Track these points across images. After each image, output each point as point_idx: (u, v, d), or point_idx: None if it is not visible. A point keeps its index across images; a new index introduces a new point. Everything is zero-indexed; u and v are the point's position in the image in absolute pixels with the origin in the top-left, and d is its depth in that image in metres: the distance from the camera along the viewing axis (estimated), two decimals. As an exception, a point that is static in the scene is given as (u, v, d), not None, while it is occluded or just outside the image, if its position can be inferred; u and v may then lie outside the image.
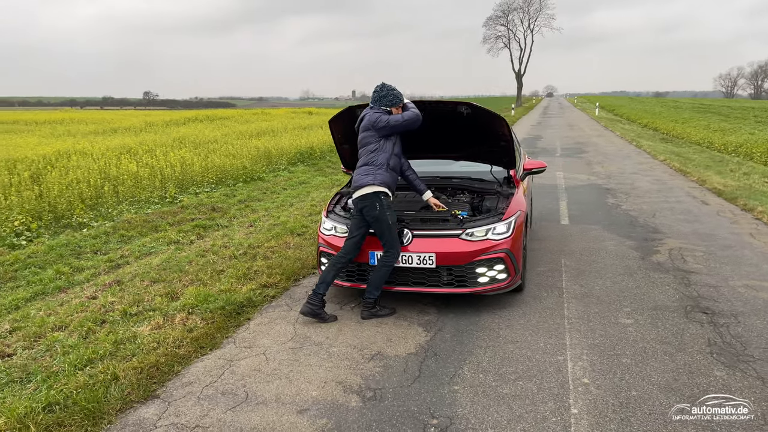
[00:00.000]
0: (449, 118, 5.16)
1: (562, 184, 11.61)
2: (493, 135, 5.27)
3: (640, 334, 4.40)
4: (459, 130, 5.30)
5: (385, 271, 4.71)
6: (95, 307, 5.19)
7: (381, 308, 4.81)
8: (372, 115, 4.78)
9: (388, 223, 4.62)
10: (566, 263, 6.22)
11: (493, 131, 5.23)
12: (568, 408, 3.39)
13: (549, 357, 4.04)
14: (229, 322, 4.78)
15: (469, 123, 5.17)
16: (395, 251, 4.68)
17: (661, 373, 3.78)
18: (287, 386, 3.72)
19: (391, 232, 4.65)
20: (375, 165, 4.71)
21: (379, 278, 4.71)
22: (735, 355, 4.02)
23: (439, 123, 5.23)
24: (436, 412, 3.38)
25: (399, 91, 4.85)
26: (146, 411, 3.47)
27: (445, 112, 5.13)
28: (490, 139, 5.33)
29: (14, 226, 8.36)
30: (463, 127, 5.23)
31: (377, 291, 4.73)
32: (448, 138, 5.44)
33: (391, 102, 4.78)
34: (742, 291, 5.29)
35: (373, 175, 4.66)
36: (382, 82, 4.89)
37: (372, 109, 4.83)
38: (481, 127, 5.24)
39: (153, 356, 4.08)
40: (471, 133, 5.31)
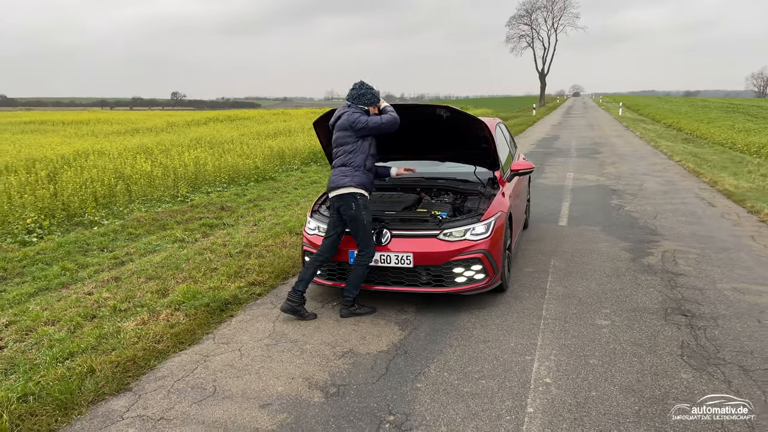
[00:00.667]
0: (430, 121, 5.21)
1: (569, 185, 11.55)
2: (474, 138, 5.31)
3: (614, 335, 4.40)
4: (441, 133, 5.35)
5: (362, 270, 4.79)
6: (89, 303, 5.35)
7: (360, 306, 4.88)
8: (351, 114, 4.79)
9: (363, 222, 4.70)
10: (555, 264, 6.22)
11: (474, 134, 5.27)
12: (524, 407, 3.42)
13: (517, 357, 4.07)
14: (212, 318, 4.91)
15: (450, 126, 5.21)
16: (370, 250, 4.75)
17: (625, 375, 3.78)
18: (255, 381, 3.82)
19: (367, 232, 4.72)
20: (353, 166, 4.76)
21: (356, 277, 4.79)
22: (706, 358, 4.00)
23: (421, 126, 5.29)
24: (395, 408, 3.44)
25: (377, 90, 4.91)
26: (116, 403, 3.60)
27: (426, 115, 5.18)
28: (471, 142, 5.37)
29: (26, 224, 8.62)
30: (444, 129, 5.28)
31: (356, 290, 4.81)
32: (431, 140, 5.49)
33: (369, 101, 4.82)
34: (729, 294, 5.24)
35: (350, 177, 4.72)
36: (360, 81, 4.92)
37: (350, 108, 4.85)
38: (462, 131, 5.28)
39: (132, 351, 4.22)
40: (453, 136, 5.35)
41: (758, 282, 5.55)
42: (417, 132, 5.37)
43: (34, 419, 3.36)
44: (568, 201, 9.84)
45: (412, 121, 5.17)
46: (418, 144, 5.61)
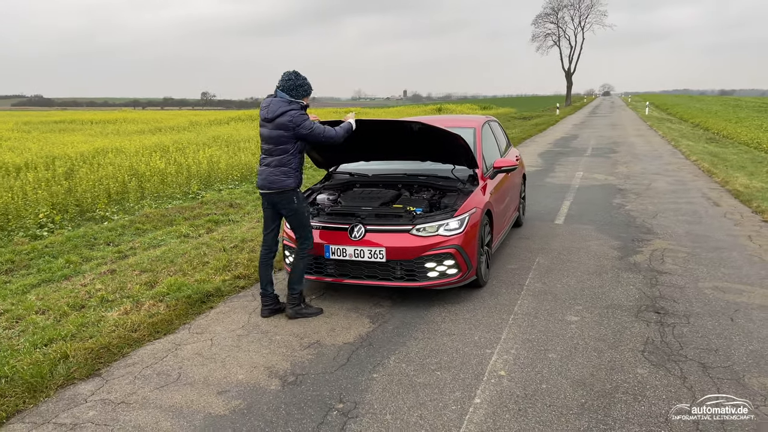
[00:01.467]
0: (405, 133, 5.28)
1: (575, 184, 11.48)
2: (451, 144, 5.35)
3: (580, 331, 4.42)
4: (417, 140, 5.40)
5: (303, 263, 4.85)
6: (81, 294, 5.55)
7: (307, 306, 4.90)
8: (296, 116, 4.57)
9: (304, 215, 4.77)
10: (540, 261, 6.24)
11: (451, 142, 5.31)
12: (472, 398, 3.48)
13: (477, 350, 4.13)
14: (191, 309, 5.06)
15: (425, 136, 5.28)
16: (309, 243, 4.83)
17: (581, 369, 3.81)
18: (219, 369, 3.95)
19: (307, 224, 4.81)
20: (291, 167, 4.68)
21: (299, 271, 4.84)
22: (667, 354, 4.00)
23: (396, 135, 5.38)
24: (345, 397, 3.53)
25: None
26: (84, 387, 3.76)
27: (399, 127, 5.26)
28: (449, 146, 5.42)
29: (38, 219, 8.92)
30: (420, 138, 5.34)
31: (300, 285, 4.85)
32: (408, 145, 5.55)
33: (306, 92, 4.71)
34: (708, 292, 5.20)
35: (293, 178, 4.68)
36: (294, 71, 4.73)
37: (290, 105, 4.61)
38: (438, 140, 5.33)
39: (108, 338, 4.39)
40: (429, 143, 5.41)
41: (742, 281, 5.49)
42: (393, 140, 5.47)
43: (3, 400, 3.53)
44: (569, 200, 9.80)
45: (388, 133, 5.27)
46: (399, 148, 5.69)
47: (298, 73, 4.75)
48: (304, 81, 4.72)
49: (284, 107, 4.61)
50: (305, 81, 4.73)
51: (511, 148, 7.79)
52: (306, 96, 4.74)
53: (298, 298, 4.86)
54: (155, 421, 3.33)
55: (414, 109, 43.13)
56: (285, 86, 4.67)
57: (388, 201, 5.30)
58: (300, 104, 4.67)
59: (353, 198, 5.45)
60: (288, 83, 4.67)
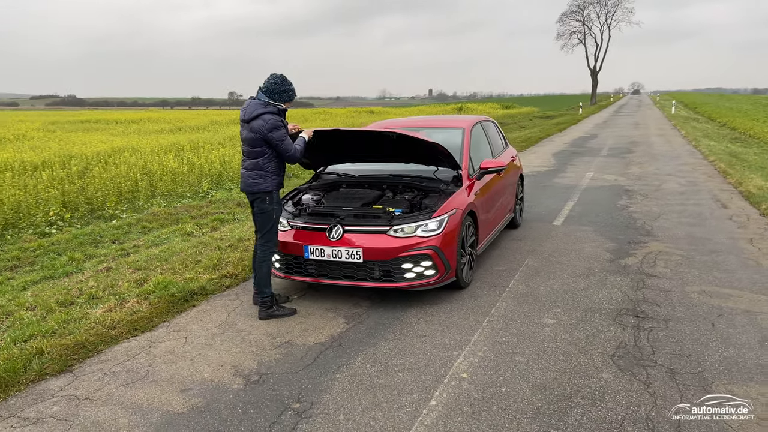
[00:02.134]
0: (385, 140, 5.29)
1: (583, 185, 11.34)
2: (430, 149, 5.34)
3: (553, 334, 4.38)
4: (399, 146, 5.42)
5: (267, 265, 4.89)
6: (73, 291, 5.67)
7: (279, 308, 4.92)
8: (269, 120, 4.59)
9: (273, 217, 4.80)
10: (529, 263, 6.19)
11: (430, 148, 5.31)
12: (428, 400, 3.47)
13: (445, 352, 4.11)
14: (173, 307, 5.14)
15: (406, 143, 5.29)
16: (272, 245, 4.88)
17: (545, 372, 3.78)
18: (187, 367, 4.01)
19: (273, 227, 4.84)
20: (267, 171, 4.73)
21: (265, 274, 4.88)
22: (636, 359, 3.94)
23: (378, 142, 5.40)
24: (304, 397, 3.56)
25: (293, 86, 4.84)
26: (54, 383, 3.85)
27: (375, 136, 5.28)
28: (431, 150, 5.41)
29: (49, 216, 9.14)
30: (402, 144, 5.35)
31: (268, 288, 4.89)
32: (392, 150, 5.57)
33: (288, 98, 4.74)
34: (694, 297, 5.10)
35: (269, 181, 4.73)
36: (281, 74, 4.74)
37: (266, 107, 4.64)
38: (416, 146, 5.33)
39: (85, 335, 4.48)
40: (412, 147, 5.40)
41: (732, 285, 5.37)
42: (377, 146, 5.50)
43: (-27, 394, 3.64)
44: (573, 201, 9.68)
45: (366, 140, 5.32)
46: (381, 153, 5.72)
47: (285, 77, 4.78)
48: (289, 87, 4.75)
49: (260, 110, 4.65)
50: (290, 87, 4.76)
51: (507, 148, 7.72)
52: (287, 101, 4.77)
53: (269, 301, 4.89)
54: (114, 418, 3.39)
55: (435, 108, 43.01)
56: (268, 89, 4.69)
57: (369, 202, 5.31)
58: (277, 108, 4.69)
59: (336, 198, 5.47)
60: (273, 86, 4.69)
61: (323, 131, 5.14)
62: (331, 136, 5.28)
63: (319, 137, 5.22)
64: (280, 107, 4.72)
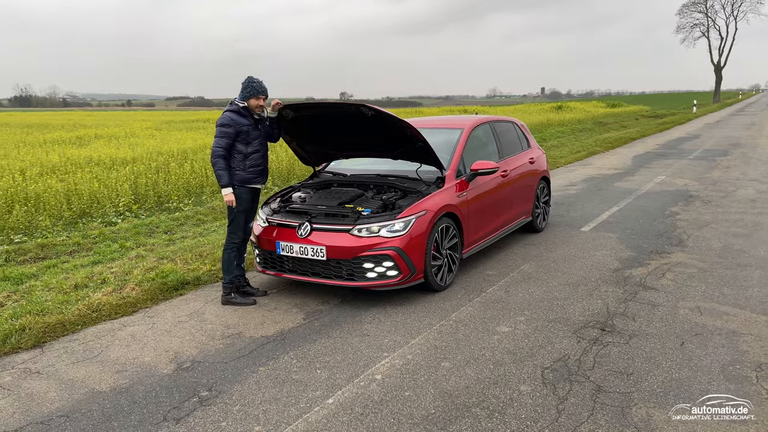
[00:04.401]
0: (358, 120, 5.28)
1: (643, 190, 10.65)
2: (406, 137, 5.30)
3: (499, 343, 4.23)
4: (373, 132, 5.41)
5: (227, 255, 5.15)
6: (95, 275, 6.19)
7: (237, 296, 5.16)
8: (223, 116, 5.03)
9: (233, 210, 5.07)
10: (524, 269, 5.97)
11: (404, 134, 5.26)
12: (327, 398, 3.50)
13: (376, 353, 4.10)
14: (161, 295, 5.49)
15: (378, 125, 5.26)
16: (234, 237, 5.14)
17: (462, 380, 3.67)
18: (136, 351, 4.29)
19: (236, 219, 5.07)
20: (230, 165, 5.06)
21: (224, 263, 5.20)
22: (568, 374, 3.73)
23: (350, 123, 5.39)
24: (216, 386, 3.71)
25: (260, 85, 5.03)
26: (21, 356, 4.28)
27: (352, 113, 5.27)
28: (406, 141, 5.37)
29: (118, 208, 10.00)
30: (376, 129, 5.34)
31: (227, 275, 5.17)
32: (368, 139, 5.57)
33: (249, 94, 5.00)
34: (681, 313, 4.71)
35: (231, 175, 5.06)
36: (249, 76, 5.08)
37: (230, 105, 5.07)
38: (392, 130, 5.29)
39: (69, 316, 4.91)
40: (387, 135, 5.39)
41: (735, 303, 4.89)
42: (349, 129, 5.50)
43: (-52, 361, 4.13)
44: (619, 206, 9.13)
45: (341, 119, 5.33)
46: (362, 142, 5.73)
47: (250, 76, 5.08)
48: (249, 84, 5.02)
49: (226, 108, 4.96)
50: (250, 84, 5.02)
51: (527, 150, 7.41)
52: (249, 98, 5.01)
53: (228, 287, 5.17)
54: (45, 391, 3.72)
55: (534, 107, 41.74)
56: (240, 89, 5.05)
57: (346, 201, 5.37)
58: (237, 106, 5.01)
59: (318, 197, 5.58)
60: (241, 86, 5.04)
61: (294, 105, 5.29)
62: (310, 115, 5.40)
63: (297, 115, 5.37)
64: (241, 105, 5.01)
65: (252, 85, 4.99)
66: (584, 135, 24.16)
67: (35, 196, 9.33)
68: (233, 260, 5.19)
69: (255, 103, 5.03)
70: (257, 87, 5.00)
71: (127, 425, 3.29)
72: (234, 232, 5.14)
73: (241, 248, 5.34)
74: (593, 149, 18.24)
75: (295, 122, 5.51)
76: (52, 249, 7.68)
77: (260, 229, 5.44)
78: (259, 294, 5.35)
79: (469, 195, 5.69)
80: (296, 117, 5.44)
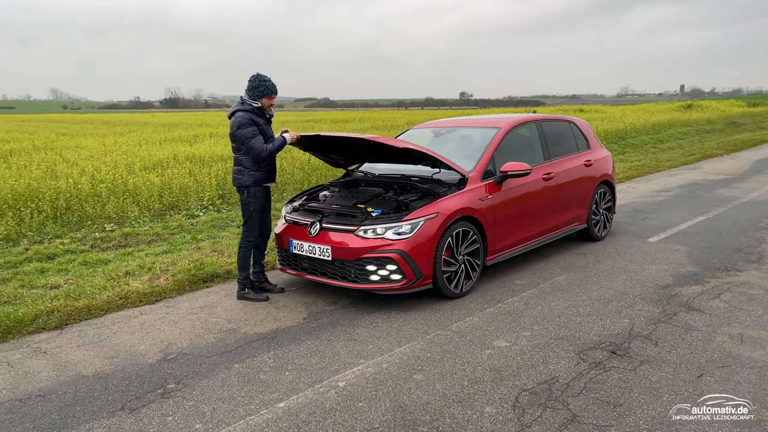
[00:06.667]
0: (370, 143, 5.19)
1: (746, 198, 9.52)
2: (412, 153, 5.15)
3: (488, 358, 3.92)
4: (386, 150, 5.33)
5: (242, 252, 5.13)
6: (148, 264, 6.56)
7: (250, 291, 5.19)
8: (239, 117, 4.93)
9: (249, 209, 5.05)
10: (558, 280, 5.52)
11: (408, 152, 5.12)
12: (279, 401, 3.41)
13: (355, 359, 3.96)
14: (188, 287, 5.68)
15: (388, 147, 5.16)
16: (249, 234, 5.12)
17: (426, 395, 3.43)
18: (138, 339, 4.47)
19: (250, 219, 5.04)
20: (245, 166, 5.04)
21: (239, 259, 5.18)
22: (549, 399, 3.36)
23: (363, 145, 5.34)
24: (185, 380, 3.75)
25: (271, 83, 4.98)
26: (41, 336, 4.60)
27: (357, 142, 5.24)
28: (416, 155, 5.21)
29: (202, 202, 10.58)
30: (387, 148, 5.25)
31: (242, 272, 5.17)
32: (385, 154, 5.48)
33: (261, 93, 4.94)
34: (718, 340, 4.11)
35: (247, 176, 5.04)
36: (257, 73, 5.00)
37: (241, 105, 4.97)
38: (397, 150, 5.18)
39: (98, 301, 5.23)
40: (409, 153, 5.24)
41: (791, 333, 4.19)
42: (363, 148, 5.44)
43: (-20, 335, 4.53)
44: (707, 216, 8.20)
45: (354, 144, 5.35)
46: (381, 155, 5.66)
47: (259, 74, 5.04)
48: (260, 83, 4.97)
49: (236, 107, 5.00)
50: (262, 83, 4.98)
51: (584, 152, 6.81)
52: (262, 97, 4.99)
53: (242, 282, 5.24)
54: (40, 370, 3.97)
55: (659, 106, 38.71)
56: (247, 87, 5.03)
57: (363, 200, 5.26)
58: (251, 106, 4.95)
59: (340, 196, 5.52)
60: (249, 84, 5.02)
61: (306, 136, 5.24)
62: (323, 140, 5.35)
63: (312, 140, 5.34)
64: (255, 105, 4.95)
65: (264, 84, 4.98)
66: (709, 136, 22.11)
67: (133, 189, 10.08)
68: (248, 258, 5.25)
69: (267, 102, 5.04)
70: (269, 86, 5.00)
71: (86, 410, 3.42)
72: (249, 230, 5.20)
73: (261, 246, 5.40)
74: (711, 152, 16.62)
75: (311, 141, 5.47)
76: (133, 238, 8.20)
77: (280, 227, 5.47)
78: (276, 290, 5.37)
79: (497, 198, 5.35)
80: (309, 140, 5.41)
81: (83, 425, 3.26)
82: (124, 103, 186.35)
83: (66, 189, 9.51)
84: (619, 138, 19.81)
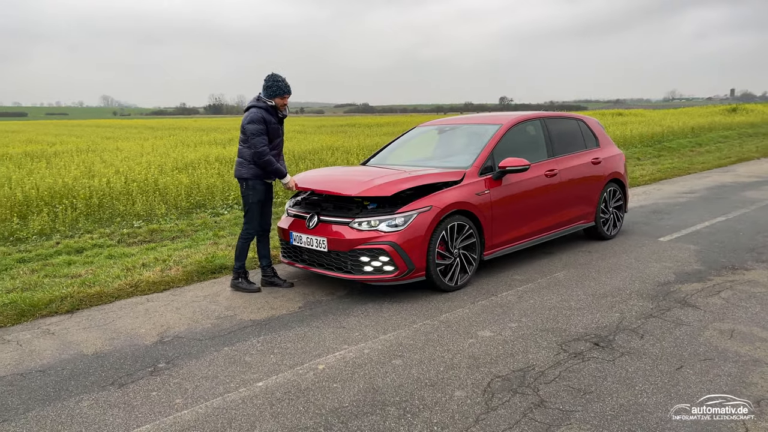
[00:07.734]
0: None
1: (772, 200, 9.25)
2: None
3: (470, 347, 3.98)
4: None
5: (241, 243, 5.28)
6: (164, 257, 6.83)
7: (244, 281, 5.35)
8: (251, 113, 5.13)
9: (249, 201, 5.21)
10: (557, 276, 5.52)
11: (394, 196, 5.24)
12: (258, 381, 3.55)
13: (340, 345, 4.07)
14: (197, 277, 5.90)
15: None
16: (249, 227, 5.26)
17: (400, 379, 3.52)
18: (140, 323, 4.68)
19: (251, 210, 5.18)
20: (245, 159, 5.22)
21: (237, 250, 5.33)
22: (518, 385, 3.41)
23: None
24: (176, 360, 3.92)
25: (284, 83, 5.14)
26: (53, 319, 4.86)
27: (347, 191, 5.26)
28: None
29: (228, 201, 10.90)
30: None
31: (237, 262, 5.33)
32: None
33: (275, 93, 5.11)
34: (707, 335, 4.08)
35: (246, 169, 5.22)
36: (273, 72, 5.17)
37: (257, 102, 5.19)
38: None
39: (109, 289, 5.48)
40: None
41: (784, 329, 4.12)
42: None
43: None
44: (727, 216, 8.03)
45: None
46: None
47: (274, 74, 5.22)
48: (273, 83, 5.16)
49: (251, 103, 5.23)
50: (275, 83, 5.16)
51: (593, 149, 6.79)
52: (275, 96, 5.18)
53: (236, 272, 5.40)
54: (45, 349, 4.21)
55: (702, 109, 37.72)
56: (263, 86, 5.23)
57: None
58: (266, 103, 5.16)
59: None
60: (264, 84, 5.22)
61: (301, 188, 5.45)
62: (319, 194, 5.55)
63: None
64: (270, 103, 5.16)
65: (278, 84, 5.15)
66: (750, 140, 21.46)
67: (163, 188, 10.45)
68: (246, 249, 5.42)
69: (281, 101, 5.21)
70: (281, 86, 5.17)
71: (80, 384, 3.62)
72: (249, 222, 5.37)
73: (263, 239, 5.57)
74: (748, 155, 16.17)
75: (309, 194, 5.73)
76: (159, 234, 8.50)
77: (283, 220, 5.64)
78: (285, 286, 5.48)
79: (495, 193, 5.39)
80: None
81: (74, 398, 3.46)
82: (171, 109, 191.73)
83: (99, 188, 9.92)
84: (655, 141, 19.40)
